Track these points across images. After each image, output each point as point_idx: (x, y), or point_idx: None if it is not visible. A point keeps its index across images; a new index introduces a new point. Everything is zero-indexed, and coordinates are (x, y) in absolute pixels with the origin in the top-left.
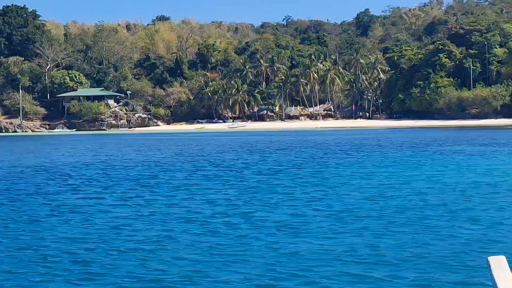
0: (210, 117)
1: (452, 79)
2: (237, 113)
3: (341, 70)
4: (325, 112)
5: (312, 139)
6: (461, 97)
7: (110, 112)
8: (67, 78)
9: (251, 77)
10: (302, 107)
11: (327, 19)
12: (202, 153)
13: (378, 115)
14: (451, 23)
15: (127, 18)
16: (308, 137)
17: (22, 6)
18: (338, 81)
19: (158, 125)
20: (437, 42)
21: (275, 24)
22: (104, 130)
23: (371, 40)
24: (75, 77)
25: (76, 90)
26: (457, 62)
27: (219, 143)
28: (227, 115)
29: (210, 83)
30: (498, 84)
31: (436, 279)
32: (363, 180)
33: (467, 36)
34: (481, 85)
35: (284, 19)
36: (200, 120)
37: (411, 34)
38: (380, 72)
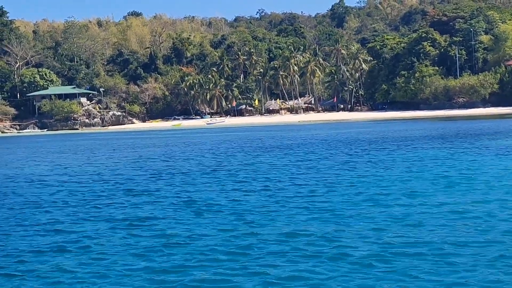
0: (187, 113)
1: (437, 68)
2: (215, 108)
3: (322, 61)
4: (306, 105)
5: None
6: (448, 86)
7: (83, 110)
8: (37, 76)
9: (228, 70)
10: (282, 100)
11: (301, 12)
12: None
13: (359, 107)
14: (433, 11)
15: (98, 15)
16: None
17: None
18: (319, 72)
19: (133, 123)
20: (421, 30)
21: (248, 17)
22: (77, 129)
23: (347, 31)
24: (46, 75)
25: (47, 88)
26: (442, 50)
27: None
28: (204, 111)
29: (186, 78)
30: (486, 72)
31: None
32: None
33: (450, 23)
34: (468, 73)
35: (257, 12)
36: (176, 117)
37: (387, 24)
38: (362, 63)
